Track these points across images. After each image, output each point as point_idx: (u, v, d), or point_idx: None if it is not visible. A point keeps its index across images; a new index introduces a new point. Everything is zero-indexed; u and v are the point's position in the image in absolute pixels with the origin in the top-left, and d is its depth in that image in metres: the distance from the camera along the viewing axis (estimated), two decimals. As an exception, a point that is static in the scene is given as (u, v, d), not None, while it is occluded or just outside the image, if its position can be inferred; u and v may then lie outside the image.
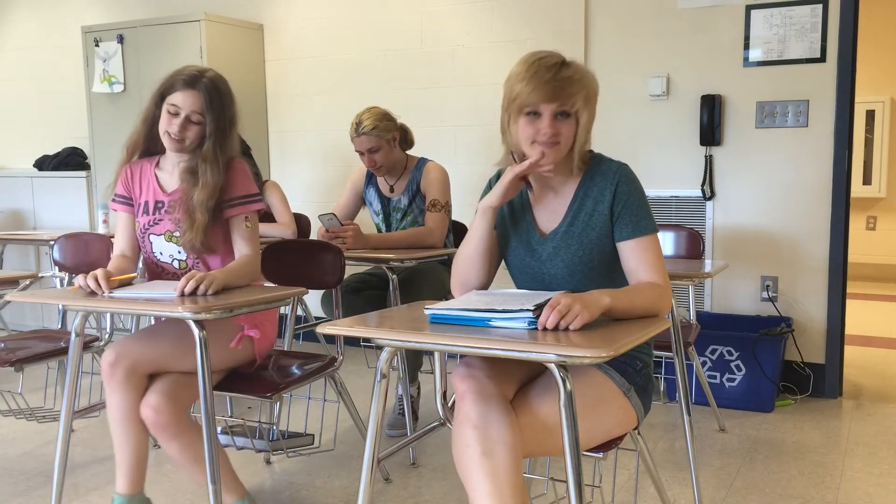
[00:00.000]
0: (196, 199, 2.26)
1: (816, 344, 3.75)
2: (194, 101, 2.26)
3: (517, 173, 1.78)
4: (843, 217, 3.64)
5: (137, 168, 2.42)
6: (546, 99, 1.72)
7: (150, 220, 2.37)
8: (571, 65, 1.76)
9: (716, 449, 3.08)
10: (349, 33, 4.67)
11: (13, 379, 4.08)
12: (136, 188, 2.41)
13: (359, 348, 4.50)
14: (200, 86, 2.27)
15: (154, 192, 2.38)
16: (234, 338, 2.31)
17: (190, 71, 2.30)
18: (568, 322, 1.53)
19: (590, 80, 1.77)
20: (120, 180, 2.43)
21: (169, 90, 2.29)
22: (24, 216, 5.45)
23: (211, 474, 2.02)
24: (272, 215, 3.74)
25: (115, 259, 2.40)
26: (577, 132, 1.77)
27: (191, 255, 2.34)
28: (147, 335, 2.26)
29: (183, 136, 2.28)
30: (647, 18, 3.92)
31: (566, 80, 1.72)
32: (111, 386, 2.15)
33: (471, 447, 1.58)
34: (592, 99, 1.78)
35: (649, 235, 1.80)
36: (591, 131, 1.82)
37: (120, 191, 2.43)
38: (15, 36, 5.85)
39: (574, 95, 1.73)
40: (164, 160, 2.42)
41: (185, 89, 2.26)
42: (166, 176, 2.39)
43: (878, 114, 7.24)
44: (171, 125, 2.27)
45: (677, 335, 2.70)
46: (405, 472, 2.86)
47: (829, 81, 3.59)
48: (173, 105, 2.27)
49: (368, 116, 3.18)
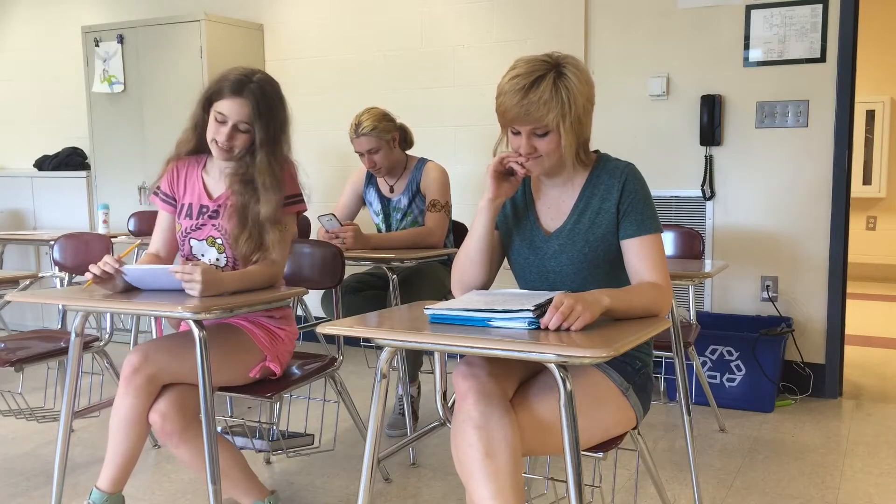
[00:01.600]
0: (263, 215, 2.20)
1: (816, 344, 3.75)
2: (241, 109, 2.17)
3: (492, 168, 1.81)
4: (843, 217, 3.64)
5: (184, 168, 2.37)
6: (517, 122, 1.74)
7: (193, 224, 2.32)
8: (544, 80, 1.70)
9: (716, 449, 3.08)
10: (349, 33, 4.67)
11: (13, 379, 4.08)
12: (180, 188, 2.36)
13: (359, 348, 4.50)
14: (247, 92, 2.18)
15: (199, 195, 2.33)
16: (255, 367, 2.28)
17: (237, 75, 2.20)
18: (570, 323, 1.54)
19: (568, 94, 1.71)
20: (166, 177, 2.36)
21: (216, 95, 2.20)
22: (24, 216, 5.45)
23: (211, 474, 2.01)
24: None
25: (146, 255, 2.37)
26: (561, 143, 1.75)
27: (230, 260, 2.30)
28: (174, 347, 2.17)
29: (231, 145, 2.20)
30: (647, 18, 3.92)
31: (534, 105, 1.70)
32: (127, 389, 2.09)
33: (473, 447, 1.58)
34: (573, 111, 1.72)
35: (653, 235, 1.80)
36: (583, 134, 1.80)
37: (164, 188, 2.37)
38: (15, 36, 5.85)
39: (544, 118, 1.71)
40: (210, 163, 2.36)
41: (232, 97, 2.17)
42: (213, 181, 2.34)
43: (878, 114, 7.24)
44: (219, 133, 2.19)
45: (677, 335, 2.70)
46: (405, 472, 2.86)
47: (829, 81, 3.59)
48: (220, 113, 2.18)
49: (368, 117, 3.18)
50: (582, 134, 1.79)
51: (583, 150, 1.83)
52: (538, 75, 1.71)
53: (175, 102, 4.66)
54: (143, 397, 2.09)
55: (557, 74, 1.72)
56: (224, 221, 2.28)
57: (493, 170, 1.81)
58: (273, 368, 2.32)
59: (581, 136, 1.79)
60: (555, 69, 1.73)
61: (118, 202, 4.88)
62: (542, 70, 1.72)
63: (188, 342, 2.14)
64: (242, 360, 2.25)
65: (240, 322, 2.31)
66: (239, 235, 2.23)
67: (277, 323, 2.37)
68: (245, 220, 2.23)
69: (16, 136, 5.92)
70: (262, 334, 2.31)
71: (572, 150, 1.77)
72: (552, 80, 1.71)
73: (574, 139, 1.76)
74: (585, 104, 1.76)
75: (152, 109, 4.77)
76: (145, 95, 4.79)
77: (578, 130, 1.76)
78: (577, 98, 1.72)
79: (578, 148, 1.80)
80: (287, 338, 2.39)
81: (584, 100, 1.75)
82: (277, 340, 2.35)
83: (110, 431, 2.15)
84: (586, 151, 1.86)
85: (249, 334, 2.28)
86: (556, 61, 1.75)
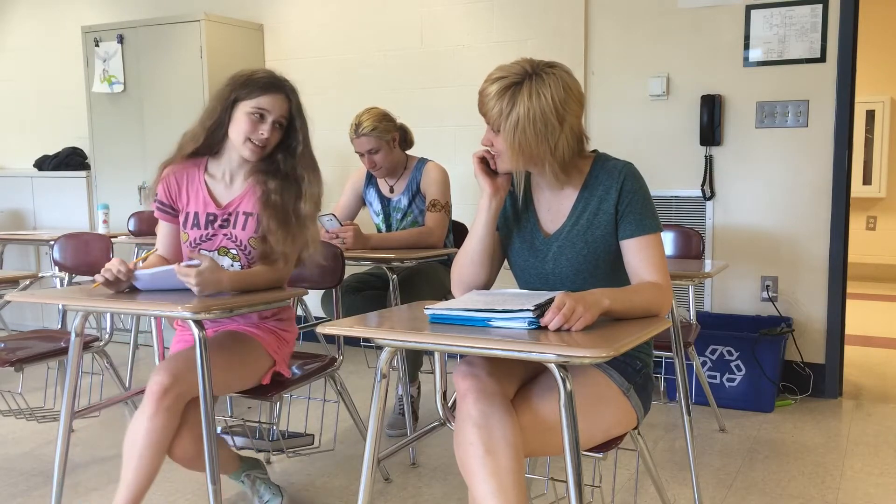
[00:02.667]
0: (303, 211, 2.19)
1: (816, 344, 3.75)
2: (282, 104, 2.18)
3: (476, 166, 1.86)
4: (843, 217, 3.64)
5: (183, 174, 2.29)
6: (480, 110, 1.78)
7: (202, 234, 2.27)
8: (507, 80, 1.72)
9: (716, 449, 3.08)
10: (349, 33, 4.67)
11: (13, 379, 4.08)
12: (182, 197, 2.29)
13: (359, 348, 4.50)
14: (287, 90, 2.20)
15: (205, 203, 2.26)
16: (267, 373, 2.28)
17: (268, 75, 2.20)
18: (571, 324, 1.54)
19: (515, 99, 1.70)
20: (161, 185, 2.29)
21: (247, 95, 2.16)
22: (24, 216, 5.45)
23: (211, 474, 2.01)
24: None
25: (155, 257, 2.33)
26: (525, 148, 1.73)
27: (245, 267, 2.26)
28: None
29: (267, 142, 2.19)
30: (647, 18, 3.92)
31: (488, 97, 1.74)
32: (157, 409, 1.98)
33: (473, 445, 1.58)
34: (519, 118, 1.70)
35: (652, 234, 1.80)
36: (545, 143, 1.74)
37: (162, 198, 2.29)
38: (15, 36, 5.85)
39: (489, 112, 1.74)
40: (214, 166, 2.29)
41: (273, 93, 2.17)
42: (219, 186, 2.28)
43: (878, 114, 7.24)
44: (259, 130, 2.16)
45: (677, 335, 2.70)
46: (405, 472, 2.86)
47: (829, 81, 3.59)
48: (259, 109, 2.15)
49: (368, 117, 3.17)
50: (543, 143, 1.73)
51: (564, 154, 1.77)
52: (511, 74, 1.73)
53: (175, 102, 4.66)
54: (174, 417, 2.02)
55: (527, 78, 1.71)
56: (237, 230, 2.25)
57: (477, 167, 1.85)
58: (283, 373, 2.33)
59: (543, 145, 1.74)
60: (527, 76, 1.72)
61: (118, 202, 4.88)
62: (516, 71, 1.73)
63: (222, 352, 2.14)
64: (254, 368, 2.25)
65: (249, 329, 2.29)
66: (278, 233, 2.19)
67: (283, 325, 2.37)
68: (287, 217, 2.20)
69: (16, 136, 5.92)
70: (271, 340, 2.30)
71: (516, 156, 1.75)
72: (513, 81, 1.72)
73: (520, 146, 1.73)
74: (550, 114, 1.71)
75: (152, 109, 4.77)
76: (145, 95, 4.79)
77: (532, 138, 1.72)
78: (534, 107, 1.70)
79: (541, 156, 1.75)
80: (290, 339, 2.39)
81: (551, 110, 1.71)
82: (283, 344, 2.35)
83: (132, 453, 2.00)
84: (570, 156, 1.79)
85: (260, 341, 2.28)
86: (533, 69, 1.73)
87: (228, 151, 2.26)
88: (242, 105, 2.17)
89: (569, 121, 1.74)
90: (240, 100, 2.17)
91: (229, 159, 2.27)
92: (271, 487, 2.44)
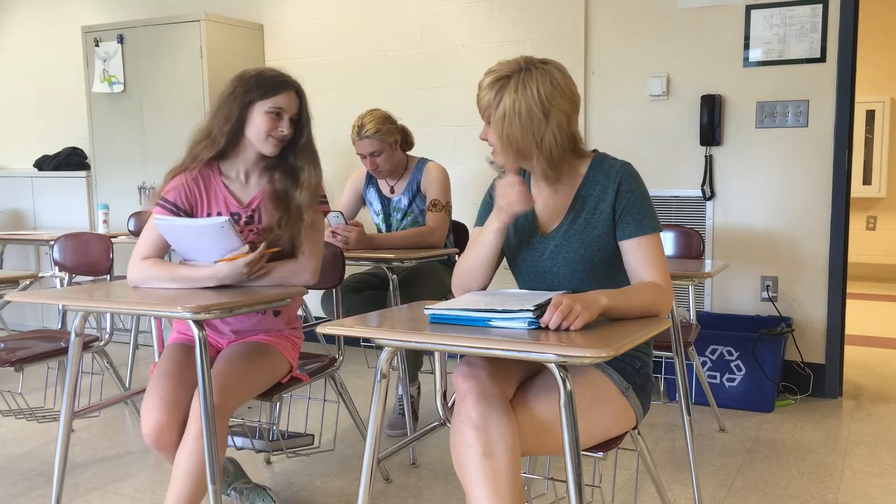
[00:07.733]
0: (301, 200, 2.25)
1: (816, 344, 3.75)
2: (295, 101, 2.27)
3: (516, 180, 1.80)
4: (843, 217, 3.64)
5: (199, 179, 2.29)
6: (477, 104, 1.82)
7: None
8: (499, 73, 1.76)
9: (716, 449, 3.08)
10: (349, 33, 4.67)
11: (13, 379, 4.08)
12: (203, 200, 2.28)
13: (359, 348, 4.50)
14: (295, 86, 2.28)
15: (226, 203, 2.29)
16: (286, 378, 2.31)
17: (278, 73, 2.28)
18: (569, 322, 1.54)
19: (503, 92, 1.74)
20: (178, 188, 2.26)
21: (262, 95, 2.22)
22: (24, 216, 5.45)
23: (211, 474, 2.01)
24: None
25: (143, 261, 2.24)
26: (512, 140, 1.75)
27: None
28: (245, 372, 2.15)
29: (286, 137, 2.27)
30: (647, 18, 3.92)
31: (482, 90, 1.78)
32: (163, 449, 2.05)
33: (472, 447, 1.58)
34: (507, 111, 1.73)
35: (652, 234, 1.80)
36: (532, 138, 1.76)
37: (175, 199, 2.25)
38: (15, 36, 5.85)
39: (480, 102, 1.78)
40: (227, 168, 2.32)
41: (286, 91, 2.24)
42: (235, 185, 2.31)
43: (878, 114, 7.23)
44: (280, 127, 2.23)
45: (677, 335, 2.70)
46: (405, 472, 2.86)
47: (829, 81, 3.59)
48: (278, 108, 2.22)
49: (370, 119, 3.17)
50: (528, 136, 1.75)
51: (551, 149, 1.77)
52: (504, 68, 1.77)
53: (175, 102, 4.66)
54: (223, 436, 2.08)
55: (517, 72, 1.75)
56: (264, 225, 2.29)
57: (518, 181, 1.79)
58: (301, 377, 2.37)
59: (529, 137, 1.75)
60: (518, 70, 1.75)
61: (118, 202, 4.88)
62: (510, 66, 1.77)
63: (250, 363, 2.18)
64: (274, 377, 2.28)
65: (269, 339, 2.32)
66: (280, 220, 2.26)
67: (296, 332, 2.42)
68: (287, 204, 2.27)
69: (16, 136, 5.92)
70: (287, 346, 2.34)
71: (506, 148, 1.78)
72: (504, 75, 1.75)
73: (507, 138, 1.76)
74: (535, 107, 1.73)
75: (152, 109, 4.78)
76: (145, 95, 4.79)
77: (518, 130, 1.74)
78: (519, 99, 1.73)
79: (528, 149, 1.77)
80: (300, 342, 2.44)
81: (536, 103, 1.73)
82: (296, 348, 2.40)
83: (184, 474, 2.01)
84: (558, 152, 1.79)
85: (279, 349, 2.31)
86: (525, 64, 1.76)
87: (244, 151, 2.30)
88: (260, 105, 2.22)
89: (555, 115, 1.75)
90: (255, 100, 2.23)
91: (245, 158, 2.31)
92: (259, 492, 2.44)
